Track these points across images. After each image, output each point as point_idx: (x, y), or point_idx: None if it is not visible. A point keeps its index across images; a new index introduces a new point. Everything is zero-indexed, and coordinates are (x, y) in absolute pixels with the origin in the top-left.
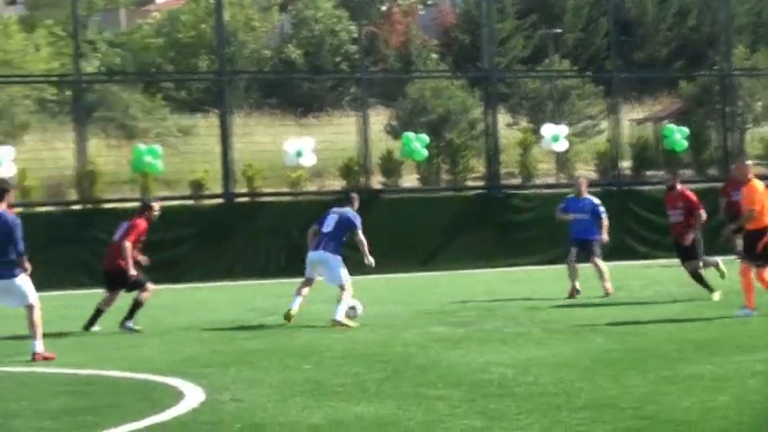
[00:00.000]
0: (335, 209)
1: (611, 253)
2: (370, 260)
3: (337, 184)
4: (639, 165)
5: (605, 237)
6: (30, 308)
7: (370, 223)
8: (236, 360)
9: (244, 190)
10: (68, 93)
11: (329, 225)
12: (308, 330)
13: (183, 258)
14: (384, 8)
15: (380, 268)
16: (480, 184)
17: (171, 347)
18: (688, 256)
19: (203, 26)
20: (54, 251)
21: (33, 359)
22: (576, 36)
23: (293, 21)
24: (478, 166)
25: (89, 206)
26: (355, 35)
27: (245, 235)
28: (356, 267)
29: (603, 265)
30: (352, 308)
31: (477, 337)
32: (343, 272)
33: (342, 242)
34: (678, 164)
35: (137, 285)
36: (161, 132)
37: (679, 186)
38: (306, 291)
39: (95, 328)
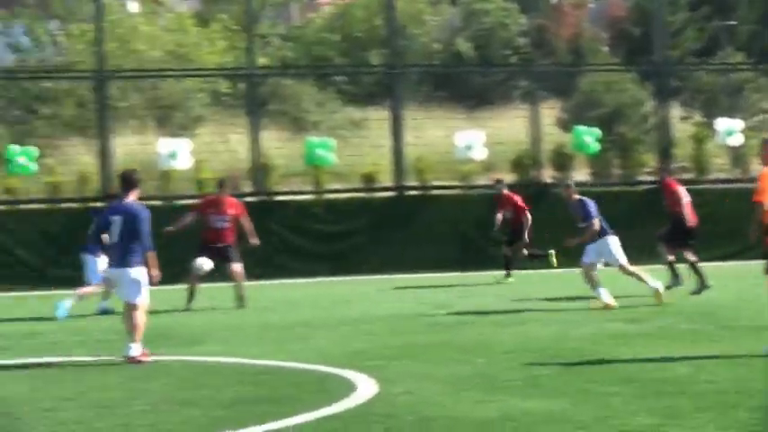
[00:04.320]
0: None
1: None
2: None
3: (508, 177)
4: None
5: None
6: (132, 306)
7: (539, 217)
8: (406, 353)
9: (414, 183)
10: (241, 86)
11: None
12: (478, 324)
13: (355, 250)
14: (554, 1)
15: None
16: (652, 178)
17: (343, 340)
18: None
19: (375, 20)
20: None
21: (127, 361)
22: (751, 28)
23: (463, 14)
24: (651, 160)
25: (263, 198)
26: (525, 28)
27: (415, 228)
28: None
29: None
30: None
31: (650, 334)
32: None
33: None
34: None
35: None
36: (333, 125)
37: None
38: None
39: None
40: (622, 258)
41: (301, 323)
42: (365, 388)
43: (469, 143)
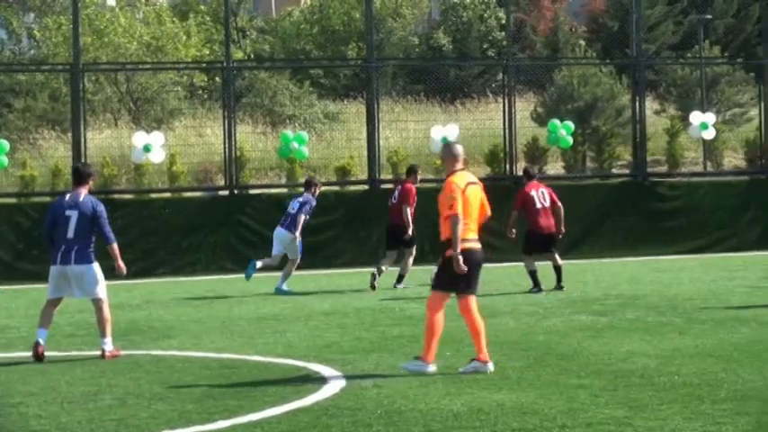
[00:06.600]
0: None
1: None
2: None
3: (482, 170)
4: None
5: None
6: (98, 301)
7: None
8: (377, 347)
9: (389, 177)
10: (218, 79)
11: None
12: (447, 317)
13: (328, 244)
14: None
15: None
16: (626, 171)
17: (314, 333)
18: None
19: (353, 13)
20: (200, 236)
21: (103, 357)
22: (727, 22)
23: (442, 7)
24: (625, 153)
25: (236, 192)
26: (504, 22)
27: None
28: None
29: None
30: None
31: (619, 327)
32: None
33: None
34: None
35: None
36: (308, 119)
37: None
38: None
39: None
40: None
41: (271, 316)
42: (334, 382)
43: (443, 136)
